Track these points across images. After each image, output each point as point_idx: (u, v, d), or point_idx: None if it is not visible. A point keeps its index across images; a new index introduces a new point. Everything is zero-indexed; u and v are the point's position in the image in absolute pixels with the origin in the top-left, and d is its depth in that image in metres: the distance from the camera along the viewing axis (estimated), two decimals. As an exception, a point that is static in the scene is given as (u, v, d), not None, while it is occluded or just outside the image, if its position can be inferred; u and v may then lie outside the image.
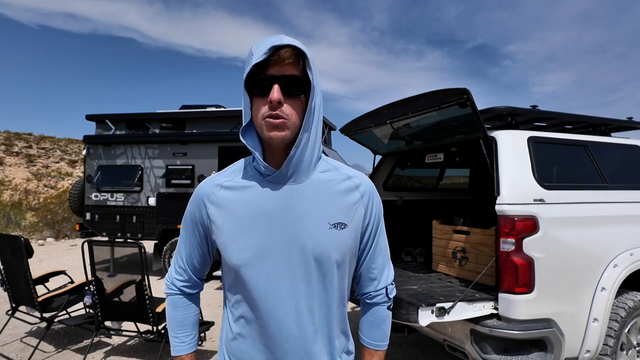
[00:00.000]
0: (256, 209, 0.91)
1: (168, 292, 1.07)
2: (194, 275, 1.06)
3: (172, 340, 1.05)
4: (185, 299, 1.07)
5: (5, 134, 22.17)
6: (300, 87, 0.86)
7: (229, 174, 0.98)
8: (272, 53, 0.82)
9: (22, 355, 3.53)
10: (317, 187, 0.94)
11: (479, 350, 2.23)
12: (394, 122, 3.01)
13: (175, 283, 1.06)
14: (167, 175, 6.46)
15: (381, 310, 1.07)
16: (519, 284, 2.16)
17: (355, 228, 0.96)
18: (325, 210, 0.92)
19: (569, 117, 3.01)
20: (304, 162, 0.91)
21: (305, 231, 0.90)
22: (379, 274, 1.06)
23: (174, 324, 1.05)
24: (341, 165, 1.01)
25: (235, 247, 0.91)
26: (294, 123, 0.87)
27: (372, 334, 1.07)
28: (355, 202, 0.96)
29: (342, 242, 0.93)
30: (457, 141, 3.02)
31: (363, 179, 1.00)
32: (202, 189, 0.98)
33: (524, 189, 2.31)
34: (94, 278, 3.19)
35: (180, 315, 1.05)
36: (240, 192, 0.94)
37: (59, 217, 12.25)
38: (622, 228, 2.57)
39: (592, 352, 2.39)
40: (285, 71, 0.84)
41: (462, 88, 2.31)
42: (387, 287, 1.06)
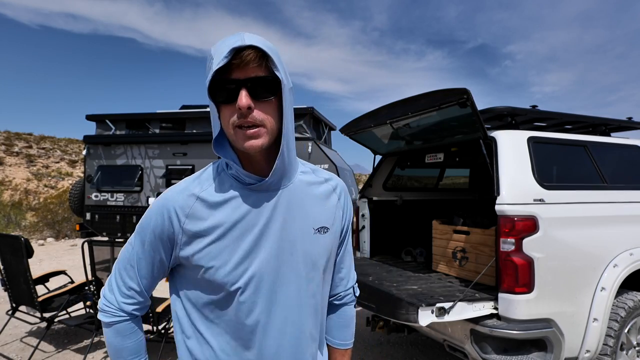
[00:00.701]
0: (239, 220, 0.84)
1: (113, 321, 0.88)
2: (146, 296, 0.92)
3: None
4: (133, 323, 0.91)
5: (5, 134, 22.18)
6: (270, 88, 0.78)
7: (203, 182, 0.87)
8: (234, 56, 0.74)
9: (22, 355, 3.53)
10: (301, 192, 0.91)
11: (479, 350, 2.23)
12: (394, 122, 3.02)
13: (125, 308, 0.89)
14: (167, 175, 6.46)
15: (349, 310, 1.09)
16: (519, 284, 2.16)
17: (335, 231, 0.96)
18: (308, 214, 0.91)
19: (569, 117, 3.01)
20: (289, 168, 0.87)
21: (294, 239, 0.88)
22: (347, 273, 1.07)
23: (127, 354, 0.90)
24: (316, 168, 1.00)
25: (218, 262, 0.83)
26: (270, 128, 0.80)
27: (342, 335, 1.07)
28: (334, 205, 0.96)
29: (326, 247, 0.93)
30: (457, 141, 3.02)
31: (338, 180, 1.00)
32: (173, 199, 0.85)
33: (524, 189, 2.31)
34: (94, 278, 3.19)
35: (132, 343, 0.91)
36: (221, 205, 0.84)
37: (59, 217, 12.25)
38: (622, 228, 2.57)
39: (592, 352, 2.40)
40: (251, 73, 0.76)
41: (462, 88, 2.31)
42: (353, 286, 1.09)
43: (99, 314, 0.91)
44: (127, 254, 0.90)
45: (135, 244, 0.89)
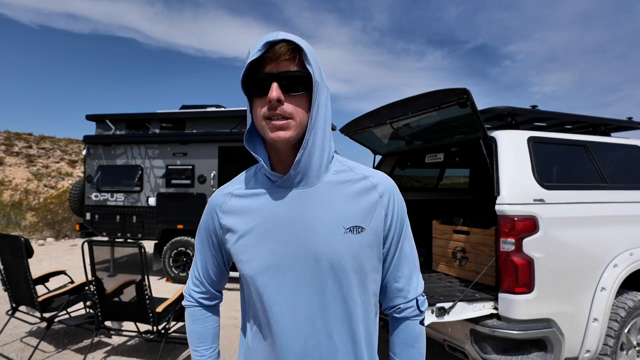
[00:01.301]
0: (267, 216, 0.86)
1: (186, 304, 1.05)
2: (210, 287, 1.03)
3: (192, 354, 1.02)
4: (204, 310, 1.04)
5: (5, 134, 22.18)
6: (301, 82, 0.80)
7: (240, 182, 0.95)
8: (267, 50, 0.78)
9: (22, 355, 3.53)
10: (330, 190, 0.87)
11: (479, 350, 2.23)
12: (394, 122, 3.01)
13: (193, 295, 1.03)
14: (167, 175, 6.46)
15: (413, 326, 0.95)
16: (519, 284, 2.16)
17: (374, 232, 0.87)
18: (339, 213, 0.85)
19: (569, 117, 3.01)
20: (313, 164, 0.85)
21: (318, 237, 0.84)
22: (407, 284, 0.94)
23: (193, 337, 1.02)
24: (358, 165, 0.94)
25: (247, 256, 0.87)
26: (299, 122, 0.81)
27: (406, 354, 0.95)
28: (374, 203, 0.88)
29: (359, 247, 0.85)
30: (457, 141, 3.02)
31: (382, 177, 0.92)
32: (214, 198, 0.95)
33: (524, 189, 2.31)
34: (94, 278, 3.19)
35: (199, 328, 1.02)
36: (250, 199, 0.89)
37: (59, 217, 12.25)
38: (622, 228, 2.57)
39: (592, 352, 2.39)
40: (283, 67, 0.79)
41: (462, 88, 2.31)
42: (417, 299, 0.95)
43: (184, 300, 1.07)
44: (195, 249, 1.03)
45: (197, 240, 1.02)
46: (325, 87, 0.85)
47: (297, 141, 0.83)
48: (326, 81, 0.86)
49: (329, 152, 0.88)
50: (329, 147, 0.88)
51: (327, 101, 0.87)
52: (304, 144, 0.82)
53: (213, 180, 6.27)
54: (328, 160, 0.89)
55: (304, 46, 0.79)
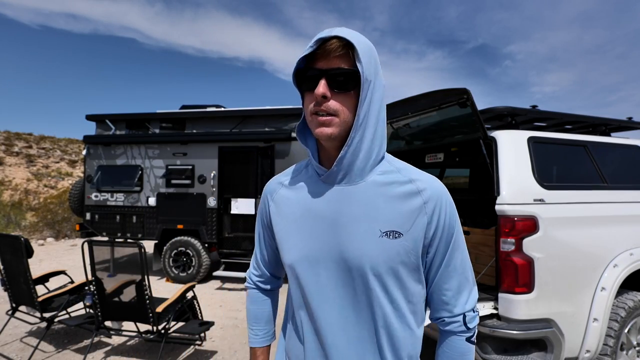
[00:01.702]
0: (308, 209, 0.89)
1: (247, 286, 1.12)
2: (266, 271, 1.09)
3: (248, 331, 1.10)
4: (261, 294, 1.10)
5: (5, 134, 22.18)
6: (349, 80, 0.79)
7: (291, 173, 0.98)
8: (319, 46, 0.78)
9: (22, 355, 3.53)
10: (372, 190, 0.85)
11: (479, 350, 2.23)
12: (394, 122, 3.01)
13: (252, 277, 1.10)
14: (167, 175, 6.45)
15: (458, 342, 0.89)
16: (519, 284, 2.16)
17: (413, 239, 0.83)
18: (377, 215, 0.83)
19: (569, 117, 3.01)
20: (358, 162, 0.83)
21: (352, 237, 0.83)
22: (454, 298, 0.89)
23: (250, 316, 1.10)
24: (407, 168, 0.89)
25: (286, 245, 0.91)
26: (344, 120, 0.81)
27: None
28: (416, 208, 0.83)
29: (394, 253, 0.82)
30: (457, 141, 3.02)
31: (430, 183, 0.86)
32: (268, 186, 1.00)
33: (524, 189, 2.31)
34: (94, 278, 3.19)
35: (255, 309, 1.09)
36: (296, 191, 0.93)
37: (59, 217, 12.25)
38: (622, 228, 2.57)
39: (592, 352, 2.39)
40: (333, 64, 0.79)
41: (462, 88, 2.31)
42: (465, 314, 0.88)
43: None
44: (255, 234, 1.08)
45: (256, 225, 1.07)
46: (380, 86, 0.84)
47: (342, 138, 0.83)
48: (382, 80, 0.85)
49: (377, 152, 0.86)
50: (378, 147, 0.86)
51: (382, 101, 0.86)
52: (348, 141, 0.81)
53: (213, 180, 6.27)
54: (376, 160, 0.86)
55: (358, 43, 0.78)
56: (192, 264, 6.22)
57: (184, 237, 6.31)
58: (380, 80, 0.84)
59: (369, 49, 0.80)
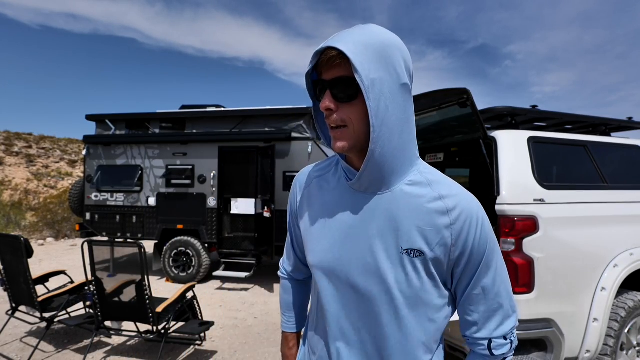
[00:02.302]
0: (332, 213, 0.86)
1: (280, 275, 1.15)
2: (298, 261, 1.09)
3: (281, 316, 1.14)
4: (292, 284, 1.13)
5: (5, 134, 22.17)
6: (351, 88, 0.74)
7: (324, 168, 0.95)
8: (320, 57, 0.76)
9: (22, 355, 3.52)
10: (397, 202, 0.79)
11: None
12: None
13: (285, 267, 1.12)
14: (167, 175, 6.46)
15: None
16: (519, 284, 2.16)
17: (435, 260, 0.78)
18: (399, 231, 0.78)
19: (569, 117, 3.01)
20: (382, 175, 0.78)
21: (371, 251, 0.80)
22: (481, 321, 0.83)
23: (282, 304, 1.14)
24: (439, 181, 0.81)
25: (309, 246, 0.91)
26: (355, 130, 0.76)
27: None
28: (441, 228, 0.78)
29: (413, 273, 0.78)
30: (457, 141, 3.02)
31: (461, 201, 0.79)
32: (301, 175, 0.99)
33: (524, 189, 2.31)
34: (94, 278, 3.18)
35: (287, 298, 1.13)
36: (324, 191, 0.90)
37: (59, 217, 12.24)
38: (622, 228, 2.57)
39: (592, 352, 2.39)
40: (334, 74, 0.75)
41: (462, 88, 2.30)
42: (491, 340, 0.83)
43: None
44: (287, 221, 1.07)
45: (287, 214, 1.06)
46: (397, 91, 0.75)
47: (361, 148, 0.78)
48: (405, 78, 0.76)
49: (405, 162, 0.80)
50: (408, 153, 0.80)
51: (406, 104, 0.78)
52: (368, 155, 0.76)
53: (213, 180, 6.27)
54: (403, 170, 0.80)
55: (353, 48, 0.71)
56: (192, 264, 6.22)
57: (184, 237, 6.31)
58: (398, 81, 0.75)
59: (373, 51, 0.72)
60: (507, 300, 0.84)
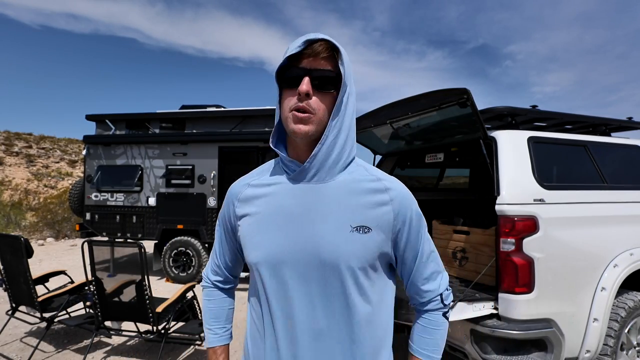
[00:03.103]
0: (275, 207, 0.89)
1: (204, 285, 1.12)
2: (227, 272, 1.09)
3: (206, 332, 1.08)
4: (220, 291, 1.11)
5: (5, 134, 22.17)
6: (331, 82, 0.83)
7: (258, 173, 0.98)
8: (307, 46, 0.82)
9: (22, 355, 3.53)
10: (341, 188, 0.88)
11: (479, 350, 2.23)
12: (394, 122, 3.01)
13: (210, 278, 1.11)
14: (167, 175, 6.46)
15: (434, 316, 0.97)
16: (519, 284, 2.16)
17: (382, 233, 0.87)
18: (347, 211, 0.86)
19: (569, 117, 3.01)
20: (329, 161, 0.86)
21: (323, 234, 0.85)
22: (429, 284, 0.96)
23: (208, 315, 1.09)
24: (374, 168, 0.94)
25: (251, 244, 0.91)
26: (321, 118, 0.84)
27: (423, 341, 0.97)
28: (383, 204, 0.88)
29: (365, 247, 0.85)
30: (457, 141, 3.02)
31: (395, 183, 0.91)
32: (233, 188, 1.00)
33: (524, 189, 2.31)
34: (94, 278, 3.18)
35: (214, 307, 1.09)
36: (263, 189, 0.92)
37: (59, 217, 12.25)
38: (622, 228, 2.57)
39: (592, 352, 2.39)
40: (318, 65, 0.82)
41: (462, 88, 2.30)
42: (441, 294, 0.97)
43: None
44: (215, 236, 1.08)
45: (217, 228, 1.06)
46: (354, 93, 0.89)
47: (316, 137, 0.85)
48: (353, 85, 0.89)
49: (348, 154, 0.90)
50: (349, 149, 0.90)
51: (353, 105, 0.89)
52: (322, 139, 0.85)
53: (213, 180, 6.27)
54: (346, 161, 0.90)
55: (342, 49, 0.84)
56: (192, 264, 6.22)
57: (184, 237, 6.31)
58: (354, 89, 0.89)
59: (347, 56, 0.85)
60: (439, 260, 1.00)
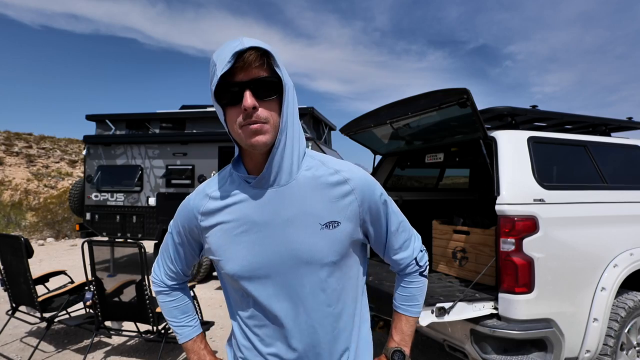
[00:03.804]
0: (243, 218, 0.88)
1: (159, 290, 1.09)
2: (183, 275, 1.09)
3: (178, 329, 1.07)
4: (177, 291, 1.10)
5: (5, 134, 22.17)
6: (272, 87, 0.82)
7: (216, 183, 0.95)
8: (236, 59, 0.78)
9: (22, 355, 3.53)
10: (303, 187, 0.88)
11: (479, 350, 2.23)
12: (394, 122, 3.01)
13: (166, 282, 1.09)
14: (167, 175, 6.46)
15: (414, 277, 1.05)
16: (519, 284, 2.16)
17: (351, 222, 0.91)
18: (313, 210, 0.88)
19: (569, 117, 3.01)
20: (286, 162, 0.87)
21: (295, 236, 0.86)
22: (404, 252, 1.02)
23: (176, 312, 1.08)
24: (328, 159, 0.95)
25: (225, 256, 0.90)
26: (274, 125, 0.83)
27: (400, 297, 1.06)
28: (347, 195, 0.90)
29: (337, 242, 0.89)
30: (457, 141, 3.02)
31: (352, 171, 0.93)
32: (192, 199, 0.97)
33: (524, 189, 2.31)
34: (94, 278, 3.19)
35: (181, 304, 1.09)
36: (226, 201, 0.91)
37: (59, 217, 12.25)
38: (622, 228, 2.57)
39: (592, 352, 2.39)
40: (253, 75, 0.79)
41: (462, 88, 2.31)
42: (416, 258, 1.03)
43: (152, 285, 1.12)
44: (168, 242, 1.05)
45: (171, 236, 1.04)
46: (292, 87, 0.87)
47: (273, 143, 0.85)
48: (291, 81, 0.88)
49: (299, 150, 0.90)
50: (298, 144, 0.89)
51: (294, 99, 0.89)
52: (276, 143, 0.84)
53: (213, 180, 6.28)
54: (299, 157, 0.90)
55: (272, 50, 0.81)
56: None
57: (184, 237, 6.31)
58: (291, 82, 0.87)
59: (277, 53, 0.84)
60: (408, 225, 1.04)
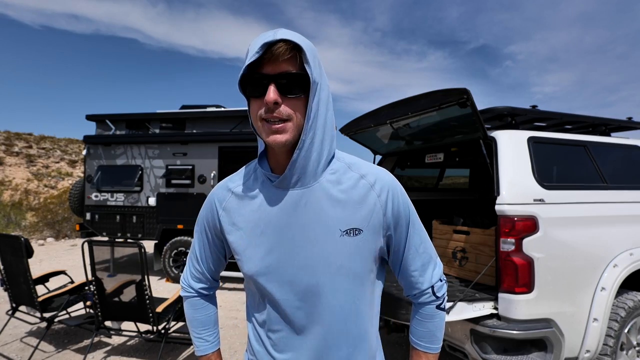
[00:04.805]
0: (264, 218, 0.86)
1: (186, 295, 1.06)
2: (211, 277, 1.05)
3: (196, 341, 1.04)
4: (204, 300, 1.06)
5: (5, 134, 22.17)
6: (299, 83, 0.78)
7: (239, 179, 0.94)
8: (265, 51, 0.75)
9: (22, 355, 3.53)
10: (326, 191, 0.85)
11: (479, 350, 2.23)
12: (394, 122, 3.01)
13: (193, 286, 1.05)
14: (167, 175, 6.45)
15: (429, 309, 0.97)
16: (519, 284, 2.16)
17: (373, 232, 0.86)
18: (335, 216, 0.84)
19: (569, 117, 3.01)
20: (310, 165, 0.83)
21: (314, 241, 0.84)
22: (420, 276, 0.95)
23: (196, 324, 1.05)
24: (357, 163, 0.91)
25: (245, 256, 0.89)
26: (297, 124, 0.80)
27: (418, 332, 0.99)
28: (371, 203, 0.86)
29: (357, 250, 0.85)
30: (457, 141, 3.02)
31: (380, 176, 0.89)
32: (215, 193, 0.95)
33: (524, 189, 2.31)
34: (94, 278, 3.18)
35: (201, 316, 1.05)
36: (247, 199, 0.89)
37: (59, 217, 12.24)
38: (622, 228, 2.57)
39: (592, 352, 2.39)
40: (281, 69, 0.76)
41: (462, 88, 2.31)
42: (433, 286, 0.96)
43: (180, 290, 1.09)
44: (194, 241, 1.03)
45: (196, 233, 1.02)
46: (326, 86, 0.83)
47: (294, 142, 0.82)
48: (327, 80, 0.85)
49: (328, 153, 0.86)
50: (329, 147, 0.86)
51: (329, 100, 0.85)
52: (299, 144, 0.81)
53: (213, 180, 6.27)
54: (327, 160, 0.87)
55: (304, 45, 0.77)
56: (192, 264, 6.22)
57: (184, 237, 6.31)
58: (325, 81, 0.84)
59: (313, 51, 0.79)
60: (431, 250, 0.97)
